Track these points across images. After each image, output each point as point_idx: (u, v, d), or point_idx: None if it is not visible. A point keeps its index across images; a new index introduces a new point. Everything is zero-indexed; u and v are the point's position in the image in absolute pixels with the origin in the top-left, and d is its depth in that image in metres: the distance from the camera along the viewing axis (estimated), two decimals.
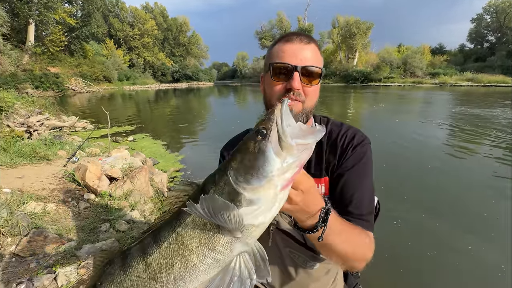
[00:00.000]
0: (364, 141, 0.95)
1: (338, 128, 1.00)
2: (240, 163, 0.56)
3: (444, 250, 3.00)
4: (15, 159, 4.25)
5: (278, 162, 0.51)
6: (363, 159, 0.92)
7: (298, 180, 0.59)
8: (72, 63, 35.41)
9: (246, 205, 0.53)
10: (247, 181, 0.53)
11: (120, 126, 10.43)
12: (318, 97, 0.95)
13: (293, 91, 0.86)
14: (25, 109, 8.62)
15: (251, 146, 0.55)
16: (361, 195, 0.89)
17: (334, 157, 0.94)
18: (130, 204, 3.46)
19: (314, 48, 0.89)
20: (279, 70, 0.87)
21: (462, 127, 9.29)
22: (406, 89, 33.63)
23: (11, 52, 25.00)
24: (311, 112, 0.93)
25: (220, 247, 0.55)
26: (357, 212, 0.87)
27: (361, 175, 0.91)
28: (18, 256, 2.22)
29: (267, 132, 0.54)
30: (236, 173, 0.55)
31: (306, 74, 0.86)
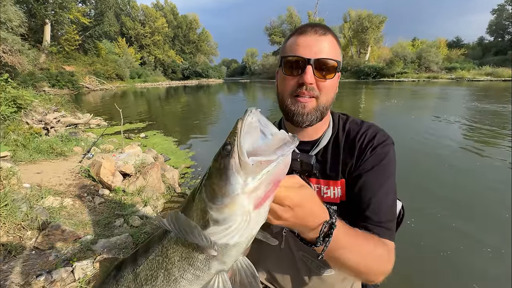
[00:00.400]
0: (386, 141, 0.87)
1: (357, 126, 0.93)
2: (209, 179, 0.53)
3: (461, 251, 2.90)
4: (34, 155, 4.40)
5: (241, 181, 0.47)
6: (383, 160, 0.84)
7: (281, 195, 0.53)
8: (86, 61, 36.35)
9: (213, 224, 0.50)
10: (212, 199, 0.50)
11: (132, 123, 10.63)
12: (336, 93, 0.90)
13: (305, 85, 0.81)
14: (42, 106, 8.93)
15: (217, 162, 0.52)
16: (380, 199, 0.81)
17: (352, 158, 0.88)
18: (143, 200, 3.52)
19: (330, 40, 0.83)
20: (291, 63, 0.83)
21: (479, 124, 8.91)
22: (420, 84, 32.60)
23: (29, 51, 25.89)
24: (327, 109, 0.88)
25: (199, 263, 0.54)
26: (376, 219, 0.79)
27: (381, 177, 0.83)
28: (37, 249, 2.30)
29: (232, 148, 0.49)
30: (206, 190, 0.53)
31: (320, 68, 0.80)
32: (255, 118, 0.52)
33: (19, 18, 19.65)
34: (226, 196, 0.48)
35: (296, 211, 0.55)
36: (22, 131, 5.28)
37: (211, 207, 0.50)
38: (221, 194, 0.49)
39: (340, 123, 0.96)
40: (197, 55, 66.42)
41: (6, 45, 17.28)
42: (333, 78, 0.84)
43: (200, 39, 66.94)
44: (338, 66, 0.83)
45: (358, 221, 0.80)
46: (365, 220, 0.80)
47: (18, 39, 18.47)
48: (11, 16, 18.75)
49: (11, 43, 17.63)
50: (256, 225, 0.52)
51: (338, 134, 0.94)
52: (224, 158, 0.50)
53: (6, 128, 5.18)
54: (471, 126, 8.76)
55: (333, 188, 0.90)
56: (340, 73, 0.89)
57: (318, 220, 0.61)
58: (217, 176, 0.51)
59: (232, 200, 0.48)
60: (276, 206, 0.54)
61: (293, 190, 0.55)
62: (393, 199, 0.83)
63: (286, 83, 0.86)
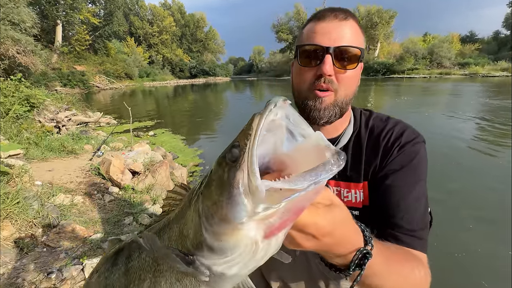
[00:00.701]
0: (416, 138, 0.77)
1: (382, 123, 0.83)
2: (208, 187, 0.42)
3: (476, 253, 2.78)
4: (46, 153, 4.47)
5: (249, 207, 0.35)
6: (413, 160, 0.74)
7: (304, 222, 0.40)
8: (96, 61, 37.01)
9: (207, 249, 0.40)
10: (208, 218, 0.39)
11: (141, 121, 10.73)
12: (358, 85, 0.81)
13: (323, 78, 0.73)
14: (54, 105, 9.11)
15: (221, 168, 0.40)
16: (411, 204, 0.71)
17: (376, 158, 0.78)
18: (152, 198, 3.51)
19: (352, 25, 0.74)
20: (308, 53, 0.75)
21: (493, 121, 8.57)
22: (432, 80, 31.76)
23: (42, 52, 26.56)
24: (347, 104, 0.79)
25: (187, 281, 0.46)
26: (407, 226, 0.70)
27: (411, 179, 0.73)
28: (48, 246, 2.31)
29: (240, 155, 0.36)
30: (202, 201, 0.41)
31: (341, 57, 0.72)
32: (281, 113, 0.38)
33: (32, 19, 20.12)
34: (226, 221, 0.37)
35: (322, 241, 0.43)
36: (34, 130, 5.38)
37: (206, 228, 0.40)
38: (219, 216, 0.37)
39: (363, 119, 0.88)
40: (204, 53, 66.64)
41: (20, 46, 17.73)
42: (355, 69, 0.75)
43: (207, 38, 67.10)
44: (361, 54, 0.74)
45: (386, 228, 0.72)
46: (393, 227, 0.71)
47: (31, 40, 18.93)
48: (24, 17, 19.20)
49: (25, 44, 18.08)
50: (265, 256, 0.40)
51: (360, 132, 0.85)
52: (229, 167, 0.38)
53: (19, 127, 5.28)
54: (483, 123, 8.44)
55: (355, 192, 0.82)
56: (362, 63, 0.80)
57: (349, 247, 0.49)
58: (218, 188, 0.39)
59: (234, 228, 0.37)
60: (296, 233, 0.42)
61: (321, 213, 0.41)
62: (425, 204, 0.74)
63: (302, 76, 0.78)
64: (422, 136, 0.79)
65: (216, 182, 0.40)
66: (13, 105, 6.14)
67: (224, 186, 0.37)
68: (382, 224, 0.73)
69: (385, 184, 0.75)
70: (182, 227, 0.48)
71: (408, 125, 0.82)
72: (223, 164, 0.39)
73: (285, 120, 0.39)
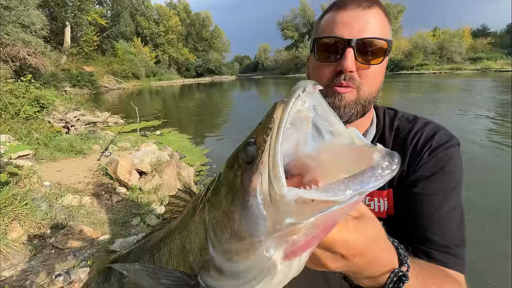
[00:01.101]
0: (449, 141, 0.68)
1: (409, 124, 0.74)
2: (216, 195, 0.35)
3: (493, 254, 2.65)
4: (55, 153, 4.51)
5: (269, 223, 0.28)
6: (447, 166, 0.65)
7: (333, 240, 0.33)
8: (104, 61, 37.51)
9: (214, 271, 0.34)
10: (217, 235, 0.33)
11: (148, 120, 10.79)
12: (382, 82, 0.72)
13: (344, 74, 0.65)
14: (63, 106, 9.23)
15: (232, 172, 0.33)
16: (445, 216, 0.63)
17: (403, 163, 0.69)
18: (159, 198, 3.49)
19: (377, 14, 0.65)
20: (326, 47, 0.66)
21: (503, 118, 8.25)
22: (442, 76, 31.02)
23: (51, 53, 27.09)
24: (370, 103, 0.70)
25: None
26: (441, 242, 0.61)
27: (445, 188, 0.65)
28: (57, 248, 2.30)
29: (257, 154, 0.30)
30: (210, 211, 0.35)
31: (364, 50, 0.64)
32: (309, 102, 0.31)
33: (42, 21, 20.49)
34: (240, 238, 0.30)
35: (352, 261, 0.37)
36: (43, 130, 5.44)
37: (213, 244, 0.33)
38: (231, 231, 0.31)
39: (387, 119, 0.79)
40: (210, 52, 66.75)
41: (30, 48, 18.09)
42: (381, 64, 0.66)
43: (213, 36, 67.19)
44: (388, 47, 0.65)
45: (416, 243, 0.63)
46: (425, 242, 0.63)
47: (41, 42, 19.31)
48: (34, 20, 19.55)
49: (35, 46, 18.45)
50: (284, 280, 0.33)
51: (384, 133, 0.77)
52: (243, 170, 0.31)
53: (29, 127, 5.35)
54: (495, 121, 8.14)
55: (378, 200, 0.73)
56: (387, 57, 0.71)
57: (382, 268, 0.43)
58: (228, 196, 0.32)
59: (249, 247, 0.30)
60: (321, 252, 0.35)
61: (352, 228, 0.35)
62: (460, 216, 0.65)
63: (320, 72, 0.69)
64: (457, 138, 0.70)
65: (227, 188, 0.33)
66: (23, 106, 6.23)
67: (237, 194, 0.31)
68: (411, 238, 0.65)
69: (414, 193, 0.67)
70: (185, 240, 0.43)
71: (440, 125, 0.73)
72: (235, 166, 0.33)
73: (312, 112, 0.32)
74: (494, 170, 4.69)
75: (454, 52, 42.12)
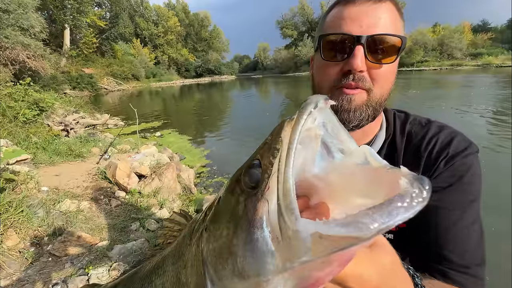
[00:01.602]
0: (468, 149, 0.62)
1: (422, 128, 0.68)
2: (215, 223, 0.31)
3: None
4: (53, 157, 4.46)
5: (279, 259, 0.24)
6: (465, 177, 0.60)
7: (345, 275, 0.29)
8: (104, 63, 37.48)
9: None
10: (217, 272, 0.29)
11: (148, 122, 10.74)
12: (394, 82, 0.66)
13: (353, 74, 0.59)
14: (63, 108, 9.20)
15: (233, 198, 0.29)
16: (462, 232, 0.58)
17: (416, 172, 0.62)
18: (159, 202, 3.44)
19: (389, 8, 0.59)
20: (333, 44, 0.61)
21: (502, 115, 8.15)
22: (442, 73, 30.87)
23: (51, 56, 27.10)
24: (381, 105, 0.64)
25: None
26: (458, 261, 0.57)
27: (463, 201, 0.59)
28: (54, 255, 2.25)
29: (263, 178, 0.27)
30: (208, 244, 0.31)
31: (375, 48, 0.58)
32: (320, 119, 0.28)
33: (41, 24, 20.48)
34: (244, 277, 0.26)
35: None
36: (42, 134, 5.40)
37: (212, 282, 0.30)
38: (233, 268, 0.27)
39: (397, 123, 0.73)
40: (209, 52, 66.65)
41: (29, 51, 18.07)
42: (393, 63, 0.60)
43: (212, 37, 67.06)
44: (401, 45, 0.59)
45: (432, 263, 0.58)
46: (441, 262, 0.57)
47: (40, 45, 19.30)
48: (33, 22, 19.54)
49: (34, 49, 18.43)
50: None
51: (394, 139, 0.71)
52: (246, 196, 0.28)
53: (27, 131, 5.31)
54: (495, 117, 8.05)
55: None
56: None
57: None
58: (229, 226, 0.29)
59: (254, 287, 0.26)
60: (333, 286, 0.31)
61: (366, 260, 0.31)
62: (480, 231, 0.59)
63: (325, 72, 0.63)
64: (475, 145, 0.64)
65: (227, 216, 0.29)
66: (22, 109, 6.19)
67: (240, 224, 0.27)
68: (426, 256, 0.59)
69: (428, 206, 0.60)
70: (180, 272, 0.38)
71: (456, 130, 0.67)
72: (238, 190, 0.29)
73: (322, 129, 0.29)
74: (495, 166, 4.61)
75: (455, 48, 41.89)
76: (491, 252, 1.90)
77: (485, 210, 0.60)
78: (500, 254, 2.61)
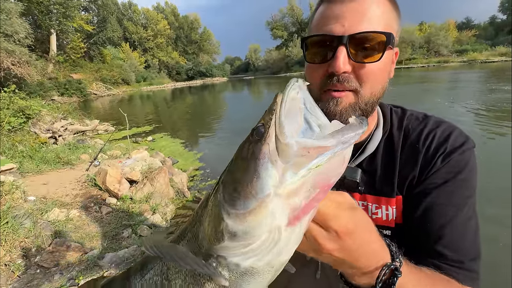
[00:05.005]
0: (465, 144, 0.62)
1: (420, 124, 0.68)
2: (229, 174, 0.41)
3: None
4: (40, 165, 4.34)
5: (275, 174, 0.34)
6: (462, 173, 0.60)
7: (327, 212, 0.38)
8: (92, 68, 36.85)
9: (228, 238, 0.37)
10: (232, 202, 0.37)
11: (139, 126, 10.60)
12: (391, 78, 0.64)
13: (337, 76, 0.57)
14: (50, 115, 8.97)
15: (244, 150, 0.40)
16: (459, 228, 0.58)
17: (414, 168, 0.64)
18: (151, 207, 3.38)
19: (377, 2, 0.56)
20: (316, 46, 0.59)
21: (492, 109, 8.37)
22: (430, 70, 31.53)
23: (37, 62, 26.47)
24: (373, 105, 0.62)
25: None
26: (453, 256, 0.57)
27: (459, 196, 0.60)
28: (42, 267, 2.18)
29: (265, 130, 0.37)
30: (224, 189, 0.40)
31: (360, 46, 0.56)
32: (301, 94, 0.39)
33: (25, 30, 20.01)
34: (252, 197, 0.35)
35: (344, 241, 0.40)
36: (28, 142, 5.25)
37: (228, 213, 0.37)
38: (244, 193, 0.36)
39: (394, 119, 0.72)
40: (200, 54, 66.38)
41: (14, 57, 17.61)
42: (381, 60, 0.57)
43: (202, 39, 66.82)
44: (389, 40, 0.56)
45: (426, 256, 0.58)
46: (436, 256, 0.58)
47: (26, 51, 18.83)
48: (17, 28, 19.09)
49: (19, 55, 17.97)
50: (285, 248, 0.38)
51: (392, 135, 0.70)
52: (253, 144, 0.38)
53: (13, 140, 5.15)
54: (480, 112, 8.26)
55: (386, 208, 0.67)
56: (397, 49, 0.64)
57: (374, 261, 0.44)
58: (241, 168, 0.38)
59: (259, 204, 0.35)
60: (317, 229, 0.39)
61: (344, 210, 0.40)
62: (475, 226, 0.60)
63: (311, 75, 0.62)
64: (472, 140, 0.63)
65: (239, 163, 0.40)
66: (6, 117, 6.01)
67: (249, 162, 0.37)
68: (422, 251, 0.59)
69: (425, 202, 0.61)
70: (197, 231, 0.45)
71: (453, 125, 0.66)
72: (246, 144, 0.40)
73: (302, 103, 0.39)
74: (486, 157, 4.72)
75: (441, 45, 42.88)
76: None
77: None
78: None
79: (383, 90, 0.63)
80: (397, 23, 0.61)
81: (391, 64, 0.64)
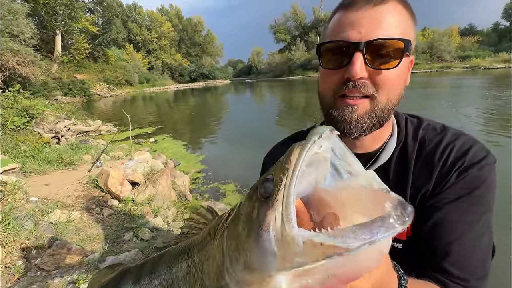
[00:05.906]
0: (485, 159, 0.59)
1: (437, 135, 0.65)
2: (235, 221, 0.37)
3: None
4: (43, 165, 4.34)
5: (280, 258, 0.29)
6: (478, 189, 0.57)
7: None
8: (96, 69, 37.10)
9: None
10: (232, 264, 0.34)
11: (142, 128, 10.62)
12: (404, 87, 0.62)
13: (353, 81, 0.56)
14: (54, 115, 9.00)
15: (250, 204, 0.35)
16: (466, 246, 0.56)
17: (428, 180, 0.61)
18: (153, 210, 3.36)
19: (393, 9, 0.55)
20: (332, 52, 0.59)
21: (494, 117, 8.31)
22: (433, 75, 31.47)
23: (42, 62, 26.69)
24: (389, 112, 0.61)
25: None
26: (459, 274, 0.55)
27: (472, 213, 0.57)
28: (42, 270, 2.16)
29: (273, 192, 0.31)
30: (227, 236, 0.38)
31: (376, 53, 0.55)
32: (326, 145, 0.33)
33: (31, 30, 20.19)
34: (252, 270, 0.31)
35: None
36: (31, 142, 5.26)
37: (228, 272, 0.35)
38: (245, 261, 0.32)
39: (409, 129, 0.69)
40: (203, 57, 66.70)
41: (19, 57, 17.75)
42: (398, 67, 0.56)
43: (206, 41, 67.22)
44: (406, 47, 0.55)
45: (431, 271, 0.57)
46: (441, 272, 0.56)
47: (31, 51, 18.98)
48: (23, 28, 19.26)
49: (24, 55, 18.12)
50: None
51: (406, 145, 0.68)
52: (259, 203, 0.33)
53: (16, 139, 5.16)
54: (486, 116, 8.20)
55: None
56: (413, 57, 0.63)
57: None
58: (245, 227, 0.34)
59: (261, 281, 0.31)
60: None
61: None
62: (487, 244, 0.57)
63: (326, 81, 0.62)
64: (493, 156, 0.60)
65: (244, 218, 0.36)
66: (10, 116, 6.03)
67: (252, 226, 0.33)
68: (428, 266, 0.58)
69: (435, 217, 0.59)
70: (203, 261, 0.44)
71: (474, 138, 0.63)
72: (254, 198, 0.35)
73: (330, 153, 0.34)
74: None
75: (444, 51, 42.91)
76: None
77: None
78: None
79: (399, 97, 0.62)
80: (414, 31, 0.61)
81: (407, 71, 0.63)
